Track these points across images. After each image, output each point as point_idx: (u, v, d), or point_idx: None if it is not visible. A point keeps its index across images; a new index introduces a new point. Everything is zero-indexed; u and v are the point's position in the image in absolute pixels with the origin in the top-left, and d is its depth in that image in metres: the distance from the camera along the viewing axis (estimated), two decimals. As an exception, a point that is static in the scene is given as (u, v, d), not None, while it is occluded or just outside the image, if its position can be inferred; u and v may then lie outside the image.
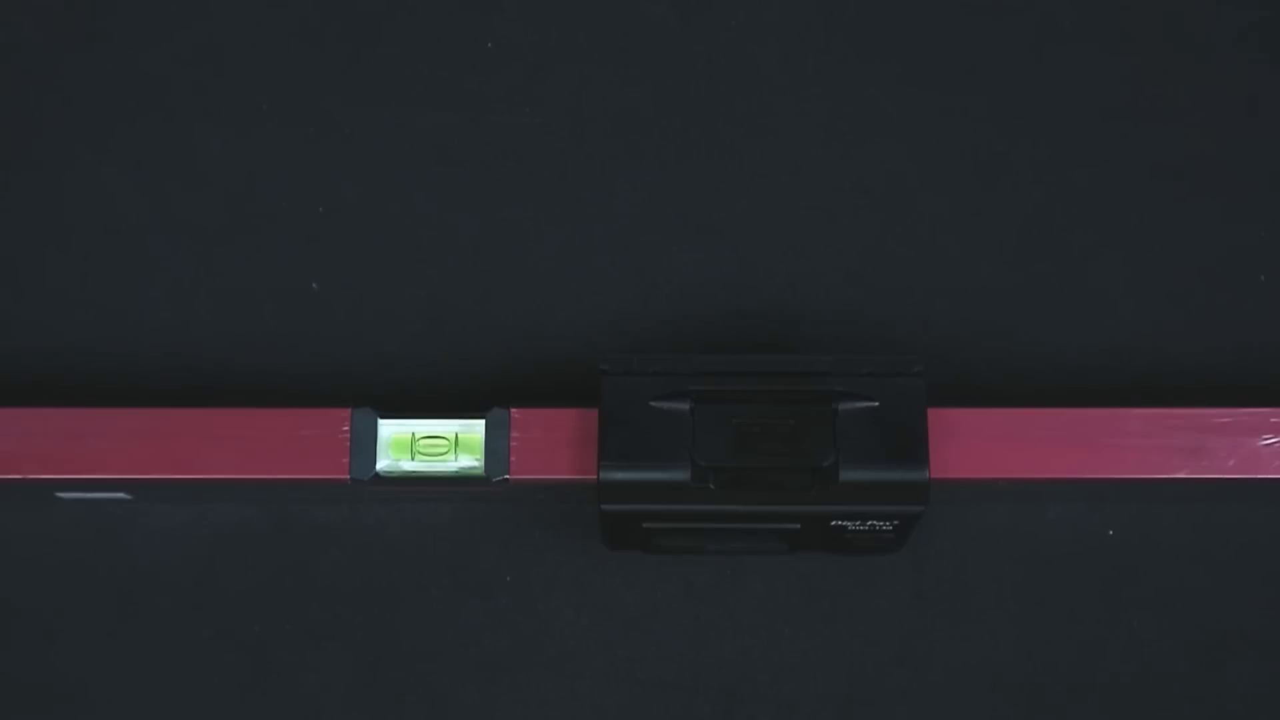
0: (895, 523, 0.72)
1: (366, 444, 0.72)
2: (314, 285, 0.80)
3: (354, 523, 0.77)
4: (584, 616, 0.77)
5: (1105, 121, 0.82)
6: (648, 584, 0.77)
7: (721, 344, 0.79)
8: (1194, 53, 0.82)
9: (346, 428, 0.73)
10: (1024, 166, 0.81)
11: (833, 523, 0.72)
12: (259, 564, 0.77)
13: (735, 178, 0.81)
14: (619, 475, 0.70)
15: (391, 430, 0.73)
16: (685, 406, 0.71)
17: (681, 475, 0.70)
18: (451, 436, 0.73)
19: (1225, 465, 0.73)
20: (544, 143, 0.81)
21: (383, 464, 0.73)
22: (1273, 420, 0.73)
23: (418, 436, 0.73)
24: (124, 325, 0.79)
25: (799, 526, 0.72)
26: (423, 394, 0.78)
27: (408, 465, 0.73)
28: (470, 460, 0.73)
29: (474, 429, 0.73)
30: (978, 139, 0.81)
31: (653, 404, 0.71)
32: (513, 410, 0.73)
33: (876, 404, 0.71)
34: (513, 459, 0.73)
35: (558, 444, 0.73)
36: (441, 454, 0.73)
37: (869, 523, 0.72)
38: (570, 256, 0.80)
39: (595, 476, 0.71)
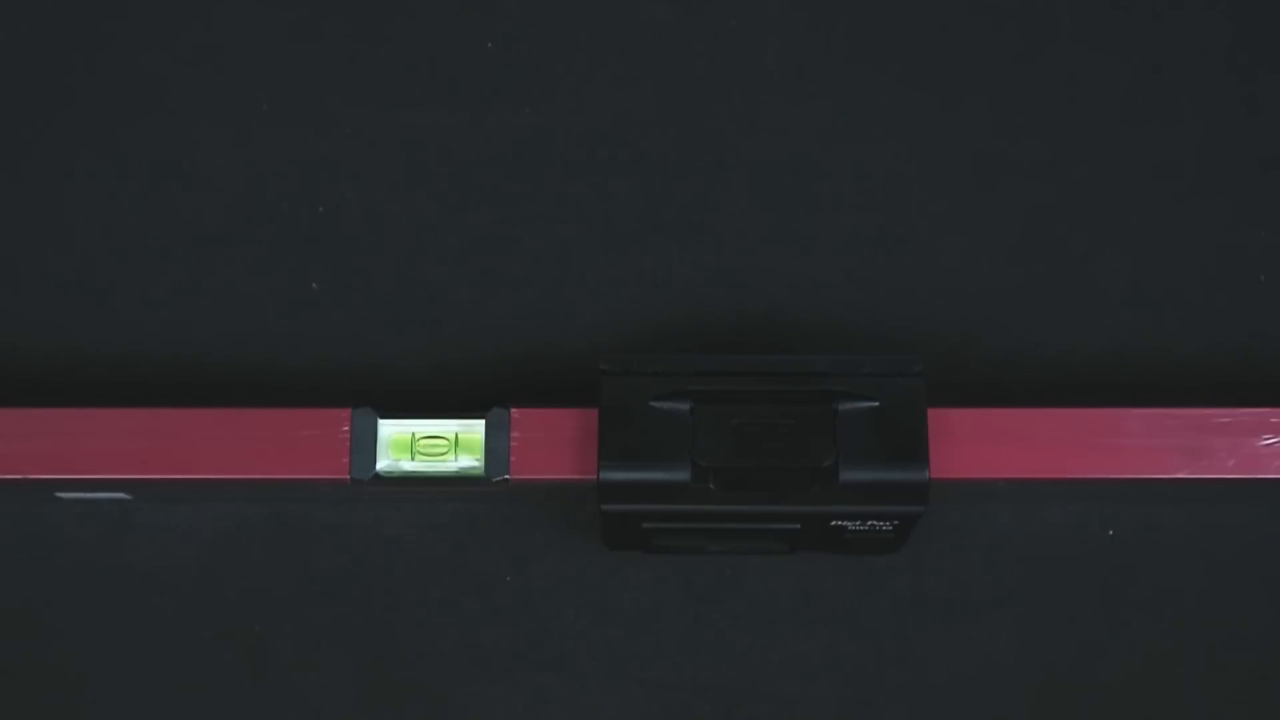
0: (895, 523, 0.72)
1: (366, 444, 0.72)
2: (314, 285, 0.80)
3: (354, 523, 0.77)
4: (584, 617, 0.77)
5: (1105, 121, 0.82)
6: (648, 584, 0.77)
7: (721, 344, 0.79)
8: (1194, 53, 0.82)
9: (346, 428, 0.73)
10: (1024, 166, 0.81)
11: (833, 523, 0.72)
12: (259, 564, 0.77)
13: (735, 178, 0.81)
14: (619, 475, 0.70)
15: (391, 430, 0.73)
16: (685, 406, 0.71)
17: (681, 475, 0.70)
18: (451, 436, 0.73)
19: (1225, 465, 0.73)
20: (544, 143, 0.81)
21: (383, 464, 0.73)
22: (1273, 420, 0.73)
23: (418, 436, 0.73)
24: (124, 325, 0.79)
25: (799, 526, 0.72)
26: (423, 394, 0.78)
27: (408, 465, 0.73)
28: (470, 460, 0.73)
29: (474, 429, 0.73)
30: (978, 139, 0.81)
31: (653, 404, 0.71)
32: (513, 410, 0.73)
33: (876, 404, 0.71)
34: (513, 459, 0.73)
35: (558, 444, 0.73)
36: (441, 454, 0.73)
37: (869, 523, 0.72)
38: (570, 256, 0.80)
39: (595, 476, 0.71)
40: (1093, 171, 0.81)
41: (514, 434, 0.73)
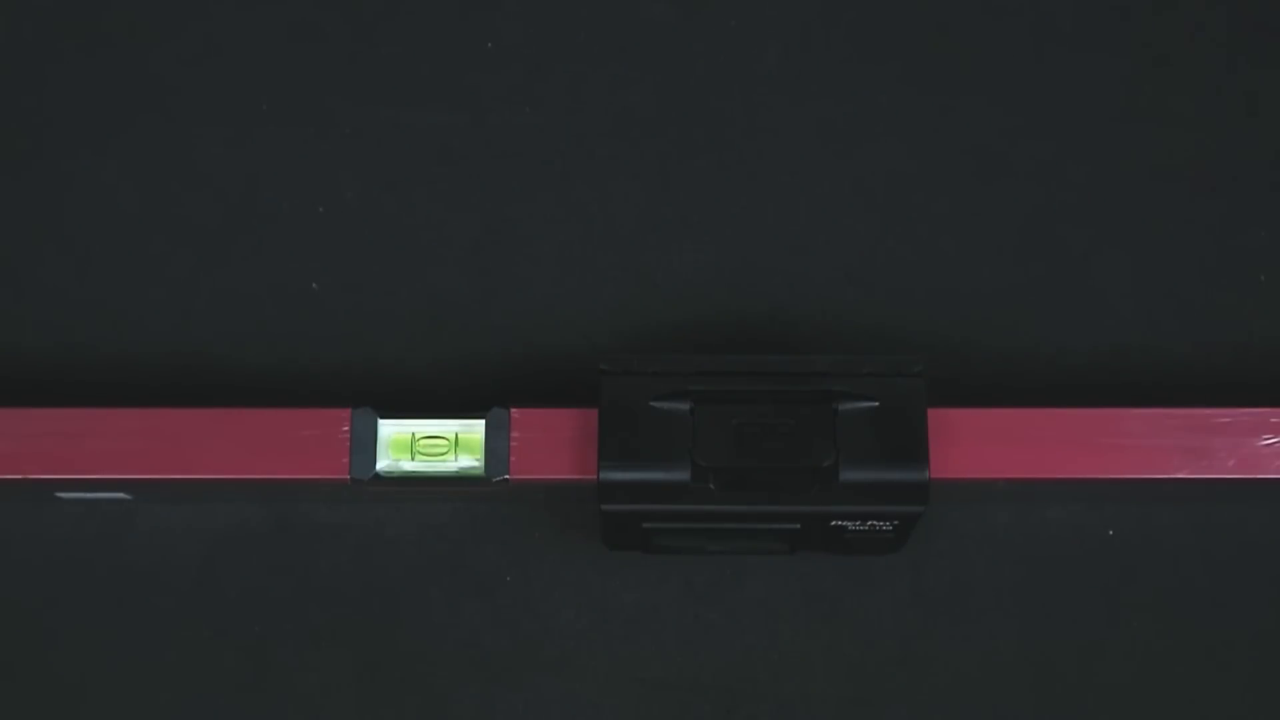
0: (895, 523, 0.72)
1: (366, 444, 0.72)
2: (314, 285, 0.80)
3: (354, 523, 0.77)
4: (584, 617, 0.77)
5: (1105, 121, 0.82)
6: (648, 584, 0.77)
7: (722, 344, 0.79)
8: (1194, 53, 0.82)
9: (346, 428, 0.73)
10: (1024, 166, 0.81)
11: (833, 523, 0.72)
12: (259, 564, 0.77)
13: (735, 178, 0.81)
14: (619, 475, 0.70)
15: (391, 430, 0.73)
16: (685, 406, 0.71)
17: (681, 475, 0.70)
18: (451, 436, 0.73)
19: (1225, 465, 0.73)
20: (544, 143, 0.81)
21: (383, 464, 0.73)
22: (1273, 420, 0.73)
23: (418, 436, 0.73)
24: (124, 325, 0.79)
25: (799, 526, 0.72)
26: (423, 394, 0.78)
27: (408, 465, 0.73)
28: (470, 460, 0.73)
29: (474, 429, 0.73)
30: (978, 139, 0.81)
31: (653, 404, 0.71)
32: (513, 410, 0.73)
33: (876, 404, 0.71)
34: (513, 459, 0.73)
35: (558, 444, 0.73)
36: (441, 454, 0.73)
37: (869, 523, 0.72)
38: (570, 256, 0.80)
39: (595, 476, 0.71)
40: (1093, 171, 0.81)
41: (514, 434, 0.73)
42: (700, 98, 0.82)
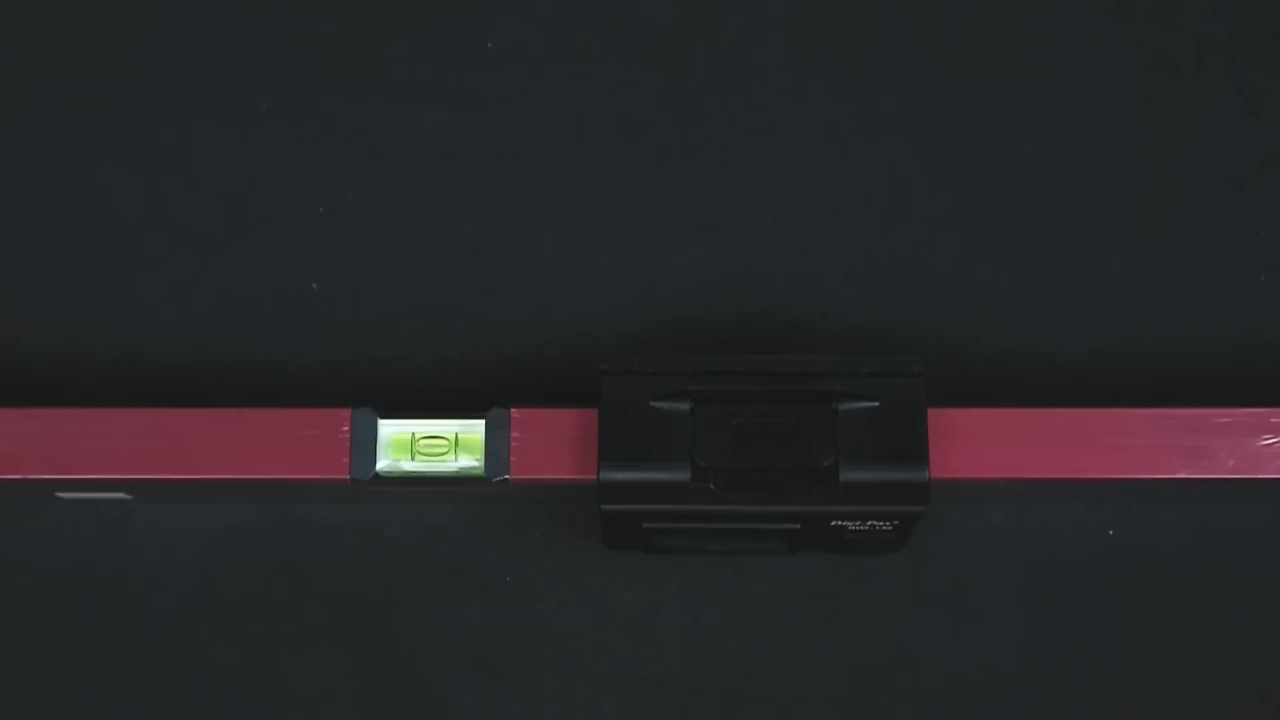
0: (895, 523, 0.72)
1: (366, 444, 0.72)
2: (314, 285, 0.80)
3: (354, 523, 0.77)
4: (584, 616, 0.77)
5: (1105, 121, 0.82)
6: (648, 584, 0.77)
7: (721, 344, 0.79)
8: (1194, 53, 0.82)
9: (346, 428, 0.73)
10: (1024, 166, 0.81)
11: (833, 523, 0.72)
12: (259, 564, 0.77)
13: (735, 178, 0.81)
14: (619, 475, 0.70)
15: (391, 430, 0.73)
16: (685, 406, 0.71)
17: (681, 475, 0.70)
18: (451, 436, 0.73)
19: (1225, 465, 0.73)
20: (544, 143, 0.81)
21: (383, 464, 0.73)
22: (1273, 420, 0.73)
23: (418, 436, 0.73)
24: (124, 325, 0.79)
25: (799, 526, 0.72)
26: (423, 394, 0.78)
27: (408, 465, 0.73)
28: (470, 460, 0.73)
29: (474, 429, 0.73)
30: (978, 139, 0.81)
31: (653, 404, 0.71)
32: (513, 410, 0.73)
33: (876, 404, 0.71)
34: (513, 459, 0.73)
35: (558, 444, 0.73)
36: (441, 454, 0.73)
37: (869, 523, 0.72)
38: (570, 256, 0.80)
39: (595, 476, 0.71)
40: (1093, 171, 0.81)
41: (514, 434, 0.73)
42: (700, 98, 0.82)
